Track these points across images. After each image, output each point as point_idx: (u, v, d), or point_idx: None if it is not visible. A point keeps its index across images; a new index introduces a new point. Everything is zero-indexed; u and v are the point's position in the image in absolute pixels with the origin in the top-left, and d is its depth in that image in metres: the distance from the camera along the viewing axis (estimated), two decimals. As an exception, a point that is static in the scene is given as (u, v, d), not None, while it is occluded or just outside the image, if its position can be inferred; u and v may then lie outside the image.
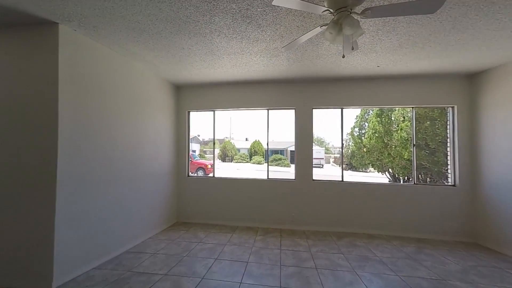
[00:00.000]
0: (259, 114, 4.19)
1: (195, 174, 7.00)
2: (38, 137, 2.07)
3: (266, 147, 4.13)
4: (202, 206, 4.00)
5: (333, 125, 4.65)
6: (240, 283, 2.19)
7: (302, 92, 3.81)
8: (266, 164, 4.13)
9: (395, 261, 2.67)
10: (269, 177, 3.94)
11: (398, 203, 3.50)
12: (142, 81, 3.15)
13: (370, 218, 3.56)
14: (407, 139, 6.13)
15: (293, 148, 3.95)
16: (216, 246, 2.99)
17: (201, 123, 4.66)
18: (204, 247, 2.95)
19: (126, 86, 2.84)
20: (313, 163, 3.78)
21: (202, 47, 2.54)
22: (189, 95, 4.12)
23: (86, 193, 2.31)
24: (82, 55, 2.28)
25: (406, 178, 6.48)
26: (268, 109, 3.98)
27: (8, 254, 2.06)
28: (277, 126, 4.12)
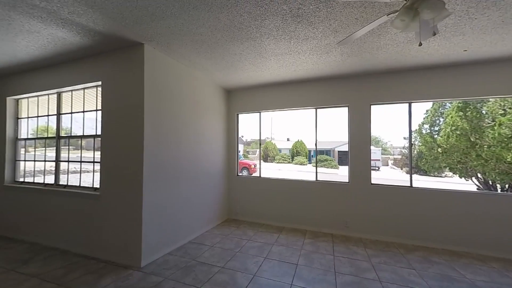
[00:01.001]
0: (302, 114, 4.09)
1: (240, 174, 7.26)
2: (132, 141, 2.52)
3: (315, 147, 3.95)
4: (249, 205, 4.14)
5: (393, 122, 4.09)
6: (291, 284, 2.17)
7: (358, 88, 3.48)
8: (310, 165, 3.99)
9: (498, 287, 2.16)
10: (318, 179, 3.76)
11: (494, 216, 2.81)
12: (200, 87, 3.47)
13: (450, 232, 2.97)
14: (511, 136, 4.66)
15: (341, 149, 3.67)
16: (264, 245, 3.04)
17: (244, 125, 4.81)
18: (253, 245, 3.05)
19: (188, 93, 3.19)
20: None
21: (252, 51, 2.62)
22: (238, 98, 4.32)
23: (160, 188, 2.68)
24: (158, 68, 2.66)
25: (507, 186, 5.08)
26: (316, 108, 3.81)
27: (113, 235, 2.57)
28: (323, 126, 3.89)
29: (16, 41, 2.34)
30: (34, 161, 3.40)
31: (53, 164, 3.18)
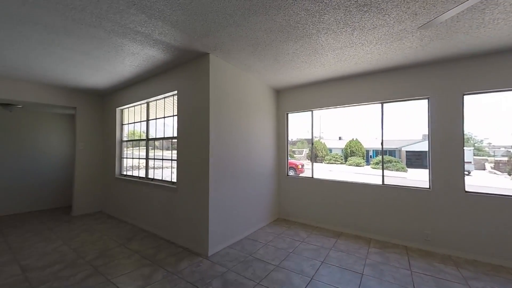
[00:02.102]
0: (359, 110, 3.62)
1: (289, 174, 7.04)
2: (200, 142, 2.85)
3: (375, 146, 3.48)
4: (300, 206, 4.00)
5: (492, 115, 3.15)
6: (358, 296, 1.98)
7: (444, 76, 2.86)
8: (369, 166, 3.49)
9: None
10: (385, 182, 3.29)
11: None
12: (252, 89, 3.58)
13: None
14: None
15: (410, 148, 3.07)
16: (320, 249, 2.88)
17: (289, 124, 4.67)
18: (307, 247, 2.93)
19: (242, 96, 3.35)
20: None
21: (306, 48, 2.52)
22: (288, 98, 4.24)
23: (222, 185, 2.91)
24: (219, 75, 2.90)
25: None
26: (382, 103, 3.33)
27: (187, 224, 2.96)
28: (387, 122, 3.35)
29: (124, 62, 2.97)
30: (132, 158, 4.32)
31: (144, 161, 3.96)
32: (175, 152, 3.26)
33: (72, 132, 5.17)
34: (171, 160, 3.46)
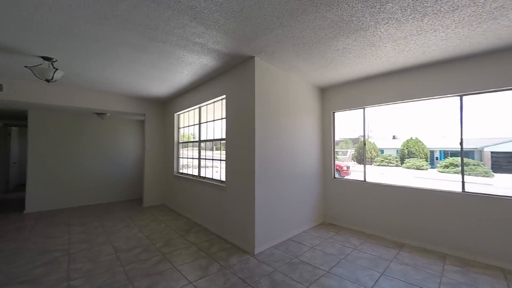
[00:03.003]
0: (420, 105, 3.09)
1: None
2: (246, 143, 2.94)
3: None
4: (350, 211, 3.68)
5: None
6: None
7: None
8: (435, 170, 2.95)
9: None
10: (466, 190, 2.75)
11: None
12: (295, 89, 3.49)
13: None
14: None
15: (496, 149, 2.46)
16: (378, 259, 2.59)
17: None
18: (362, 256, 2.68)
19: (285, 96, 3.29)
20: None
21: (360, 42, 2.32)
22: (334, 96, 3.97)
23: (266, 186, 2.93)
24: (264, 77, 2.94)
25: None
26: (461, 95, 2.79)
27: (235, 222, 3.08)
28: (464, 118, 2.77)
29: (183, 72, 3.30)
30: (187, 158, 4.77)
31: (195, 160, 4.32)
32: (219, 152, 3.44)
33: (141, 135, 6.06)
34: (220, 160, 3.67)
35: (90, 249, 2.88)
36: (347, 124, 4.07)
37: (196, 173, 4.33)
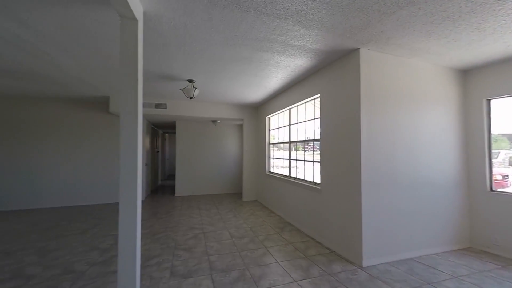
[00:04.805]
0: None
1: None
2: (349, 143, 2.68)
3: None
4: None
5: None
6: None
7: None
8: None
9: None
10: None
11: None
12: (417, 76, 2.80)
13: None
14: None
15: None
16: None
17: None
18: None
19: (402, 87, 2.71)
20: None
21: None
22: (490, 77, 2.84)
23: (376, 193, 2.52)
24: (372, 69, 2.55)
25: None
26: None
27: (334, 227, 2.88)
28: None
29: (277, 76, 3.41)
30: (278, 158, 4.97)
31: (283, 160, 4.40)
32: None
33: (238, 137, 6.96)
34: (313, 161, 3.52)
35: (215, 231, 3.51)
36: (501, 115, 2.82)
37: (285, 173, 4.41)
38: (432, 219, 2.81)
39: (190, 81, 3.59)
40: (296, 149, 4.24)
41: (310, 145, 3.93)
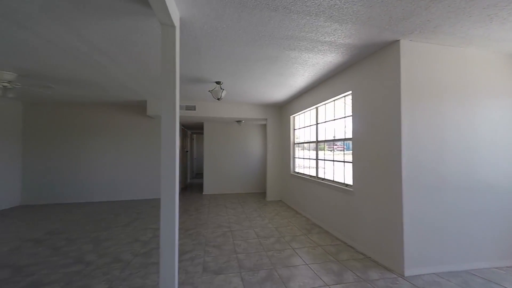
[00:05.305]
0: None
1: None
2: (386, 143, 2.49)
3: None
4: None
5: None
6: None
7: None
8: None
9: None
10: None
11: None
12: (471, 67, 2.46)
13: None
14: None
15: None
16: None
17: None
18: None
19: (454, 79, 2.41)
20: None
21: None
22: None
23: (420, 197, 2.30)
24: (415, 61, 2.32)
25: None
26: None
27: (368, 232, 2.70)
28: None
29: (304, 75, 3.33)
30: (304, 158, 4.85)
31: (308, 160, 4.26)
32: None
33: (261, 137, 6.96)
34: (344, 162, 3.35)
35: (241, 230, 3.56)
36: None
37: (312, 173, 4.27)
38: (493, 227, 2.46)
39: (218, 82, 3.69)
40: (321, 149, 4.08)
41: (335, 145, 3.75)
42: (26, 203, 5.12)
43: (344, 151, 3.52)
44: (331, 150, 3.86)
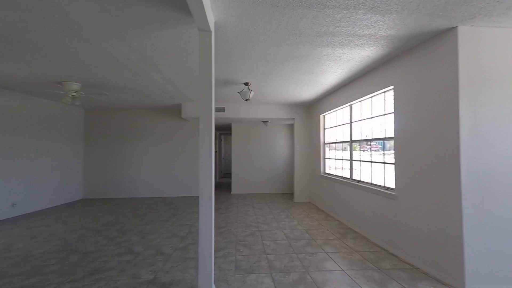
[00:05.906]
0: None
1: None
2: (439, 143, 2.22)
3: None
4: None
5: None
6: None
7: None
8: None
9: None
10: None
11: None
12: None
13: None
14: None
15: None
16: None
17: None
18: None
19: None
20: None
21: None
22: None
23: (479, 202, 1.98)
24: (479, 50, 2.01)
25: None
26: None
27: (416, 240, 2.41)
28: None
29: (337, 71, 3.16)
30: (335, 159, 4.59)
31: (341, 161, 3.99)
32: (385, 154, 2.82)
33: (288, 137, 6.82)
34: (384, 163, 3.06)
35: (270, 230, 3.55)
36: None
37: (345, 174, 4.01)
38: None
39: (246, 84, 3.72)
40: (353, 149, 3.81)
41: (369, 145, 3.45)
42: (87, 197, 5.93)
43: (383, 151, 3.23)
44: (364, 150, 3.58)
